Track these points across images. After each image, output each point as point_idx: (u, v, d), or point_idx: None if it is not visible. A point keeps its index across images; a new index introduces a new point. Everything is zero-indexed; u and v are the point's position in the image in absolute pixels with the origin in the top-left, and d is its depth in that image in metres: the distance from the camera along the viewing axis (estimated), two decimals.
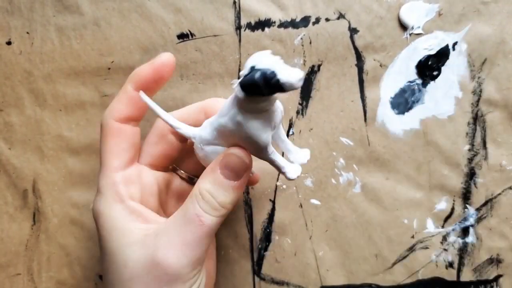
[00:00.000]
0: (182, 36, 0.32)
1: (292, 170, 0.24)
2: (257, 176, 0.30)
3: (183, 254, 0.22)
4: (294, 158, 0.26)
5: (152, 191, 0.27)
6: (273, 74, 0.19)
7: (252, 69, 0.20)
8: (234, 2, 0.32)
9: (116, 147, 0.25)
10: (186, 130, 0.26)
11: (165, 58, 0.26)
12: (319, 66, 0.32)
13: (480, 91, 0.32)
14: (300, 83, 0.19)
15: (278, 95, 0.21)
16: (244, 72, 0.20)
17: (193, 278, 0.23)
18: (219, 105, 0.27)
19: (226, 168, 0.24)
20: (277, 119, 0.23)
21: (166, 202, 0.29)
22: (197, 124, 0.26)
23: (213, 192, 0.23)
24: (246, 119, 0.22)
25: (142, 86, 0.25)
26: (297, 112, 0.32)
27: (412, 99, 0.32)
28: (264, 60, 0.20)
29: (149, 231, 0.24)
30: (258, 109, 0.22)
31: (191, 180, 0.30)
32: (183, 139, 0.28)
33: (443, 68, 0.32)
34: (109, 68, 0.33)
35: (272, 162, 0.24)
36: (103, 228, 0.24)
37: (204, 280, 0.25)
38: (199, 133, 0.25)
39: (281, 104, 0.24)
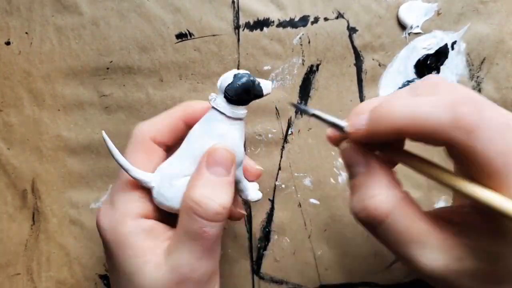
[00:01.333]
0: (181, 36, 0.32)
1: (254, 193, 0.27)
2: (240, 212, 0.28)
3: (199, 267, 0.22)
4: (247, 195, 0.27)
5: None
6: (254, 79, 0.23)
7: (235, 76, 0.23)
8: (233, 2, 0.32)
9: (143, 166, 0.24)
10: (142, 176, 0.24)
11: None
12: (317, 65, 0.32)
13: (479, 90, 0.32)
14: (270, 91, 0.24)
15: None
16: (222, 84, 0.24)
17: (212, 283, 0.24)
18: (197, 107, 0.26)
19: (215, 164, 0.23)
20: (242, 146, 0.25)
21: None
22: (178, 133, 0.26)
23: (210, 195, 0.22)
24: (227, 130, 0.24)
25: (192, 121, 0.25)
26: (296, 112, 0.32)
27: None
28: (236, 73, 0.23)
29: (161, 248, 0.23)
30: (237, 117, 0.24)
31: None
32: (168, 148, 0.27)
33: (442, 68, 0.32)
34: (107, 68, 0.33)
35: (239, 181, 0.26)
36: (116, 245, 0.23)
37: (218, 280, 0.25)
38: (162, 173, 0.24)
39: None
